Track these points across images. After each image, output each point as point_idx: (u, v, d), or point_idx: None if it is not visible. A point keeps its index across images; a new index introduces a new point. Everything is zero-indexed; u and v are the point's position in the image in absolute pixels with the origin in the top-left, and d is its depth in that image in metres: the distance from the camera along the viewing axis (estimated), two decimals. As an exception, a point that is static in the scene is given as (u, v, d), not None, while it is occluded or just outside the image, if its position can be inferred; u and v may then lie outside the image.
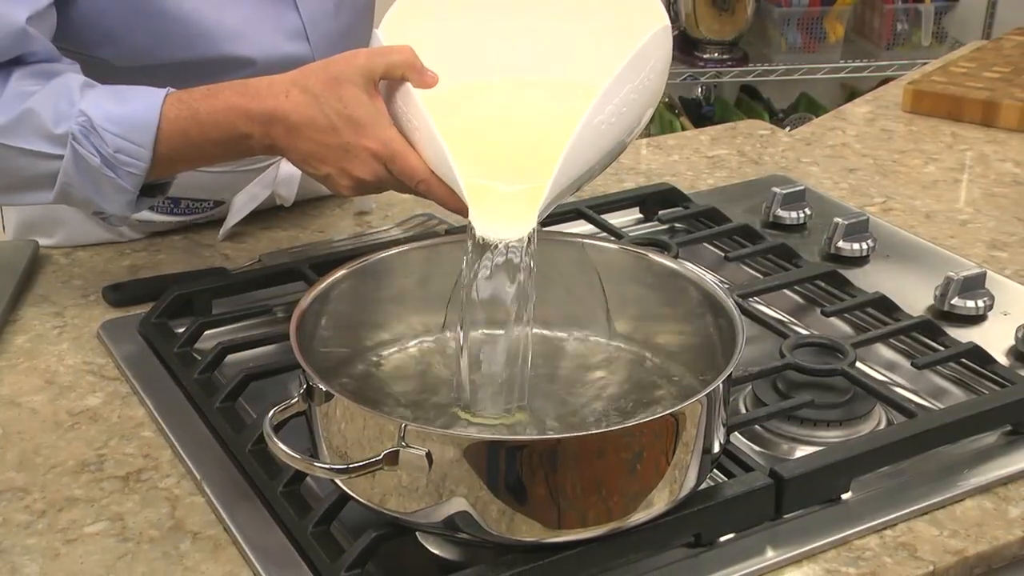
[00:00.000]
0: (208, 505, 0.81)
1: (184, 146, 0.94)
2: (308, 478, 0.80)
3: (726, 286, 0.85)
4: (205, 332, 0.98)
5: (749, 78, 2.82)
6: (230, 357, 0.94)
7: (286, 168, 1.17)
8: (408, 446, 0.68)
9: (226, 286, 1.03)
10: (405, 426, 0.68)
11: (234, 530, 0.78)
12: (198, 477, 0.83)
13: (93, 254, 1.16)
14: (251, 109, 0.91)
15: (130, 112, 0.93)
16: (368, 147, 0.87)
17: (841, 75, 2.79)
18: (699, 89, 3.00)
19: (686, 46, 2.88)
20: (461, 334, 0.79)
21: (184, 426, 0.89)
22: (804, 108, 2.88)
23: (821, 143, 1.44)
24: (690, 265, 0.86)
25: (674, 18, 2.89)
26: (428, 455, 0.68)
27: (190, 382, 0.92)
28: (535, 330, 0.82)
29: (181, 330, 0.98)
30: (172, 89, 0.95)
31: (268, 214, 1.22)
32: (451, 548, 0.77)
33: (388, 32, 0.89)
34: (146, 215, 1.15)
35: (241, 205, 1.16)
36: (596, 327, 0.88)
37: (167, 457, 0.86)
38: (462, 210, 0.83)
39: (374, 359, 0.85)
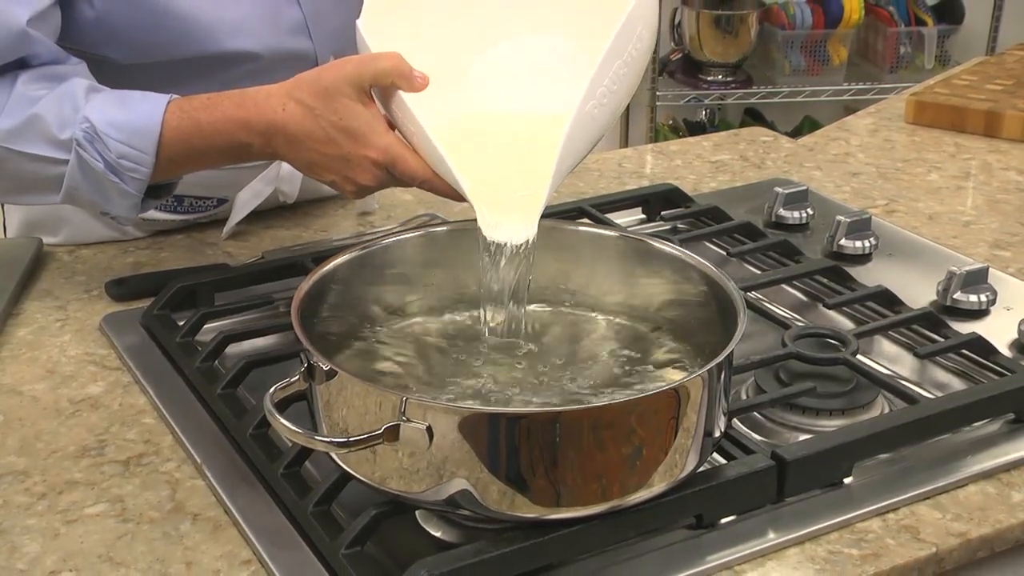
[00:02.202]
0: (208, 488, 0.82)
1: (187, 152, 0.96)
2: (308, 462, 0.81)
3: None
4: (207, 323, 0.99)
5: (753, 100, 2.84)
6: (231, 347, 0.95)
7: (288, 165, 1.18)
8: (409, 420, 0.69)
9: (228, 279, 1.04)
10: (406, 399, 0.69)
11: (234, 511, 0.78)
12: (199, 461, 0.84)
13: (96, 251, 1.17)
14: (251, 121, 0.93)
15: (132, 118, 0.95)
16: (368, 156, 0.89)
17: (844, 98, 2.81)
18: (703, 112, 3.02)
19: (690, 68, 2.90)
20: (482, 309, 0.83)
21: (185, 413, 0.89)
22: (808, 130, 2.89)
23: (824, 151, 1.45)
24: (689, 251, 0.86)
25: (678, 41, 2.91)
26: (428, 429, 0.68)
27: (191, 370, 0.92)
28: (540, 308, 0.87)
29: (183, 322, 0.99)
30: (175, 96, 0.97)
31: (271, 214, 1.23)
32: (451, 530, 0.78)
33: (367, 23, 0.91)
34: (150, 214, 1.16)
35: (244, 202, 1.17)
36: (599, 308, 0.89)
37: (168, 443, 0.87)
38: (460, 201, 0.86)
39: (375, 340, 0.86)
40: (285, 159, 0.94)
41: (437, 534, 0.78)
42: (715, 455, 0.80)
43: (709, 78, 2.86)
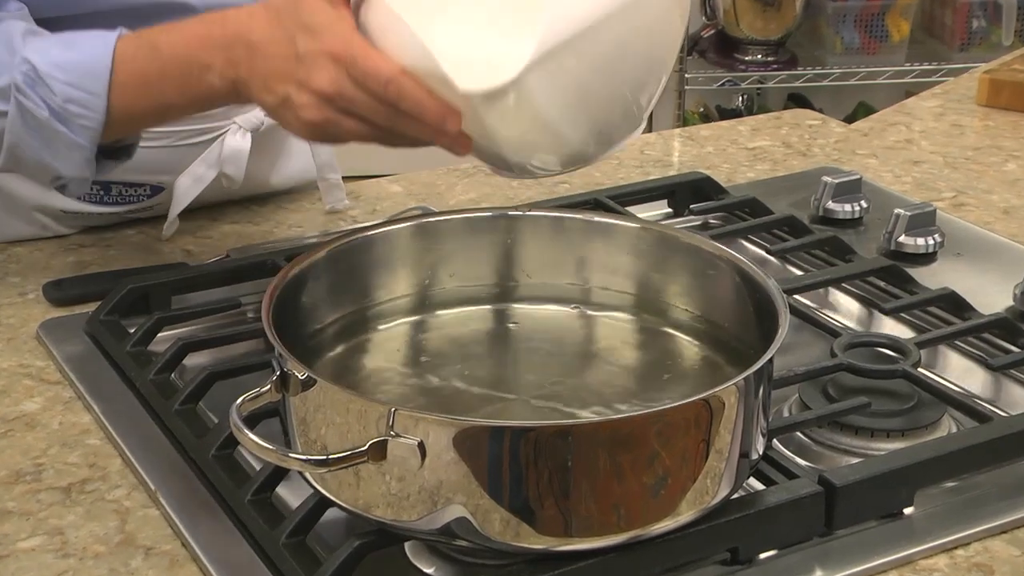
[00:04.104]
0: (164, 518, 0.83)
1: (141, 89, 0.99)
2: (280, 487, 0.82)
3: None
4: (162, 330, 1.00)
5: (798, 84, 2.86)
6: (190, 357, 0.96)
7: (231, 142, 1.19)
8: (397, 435, 0.70)
9: (188, 280, 1.06)
10: (394, 411, 0.70)
11: (194, 544, 0.79)
12: (152, 487, 0.85)
13: (33, 249, 1.18)
14: (214, 35, 0.96)
15: (80, 57, 0.97)
16: (326, 50, 0.89)
17: (906, 80, 2.83)
18: (739, 98, 3.04)
19: (724, 47, 2.92)
20: None
21: (137, 432, 0.90)
22: (862, 119, 2.92)
23: (881, 137, 1.47)
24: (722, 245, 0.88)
25: (711, 15, 2.94)
26: (420, 445, 0.69)
27: (144, 383, 0.94)
28: (552, 308, 0.90)
29: (135, 329, 1.00)
30: (125, 30, 0.99)
31: (237, 208, 1.25)
32: (444, 565, 0.78)
33: None
34: (73, 205, 1.18)
35: (185, 190, 1.18)
36: (619, 308, 0.90)
37: (116, 466, 0.88)
38: (442, 115, 0.85)
39: (359, 345, 0.87)
40: (244, 82, 0.95)
41: (429, 571, 0.78)
42: (752, 480, 0.81)
43: (747, 58, 2.89)
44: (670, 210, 1.23)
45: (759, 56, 2.88)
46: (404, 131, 0.89)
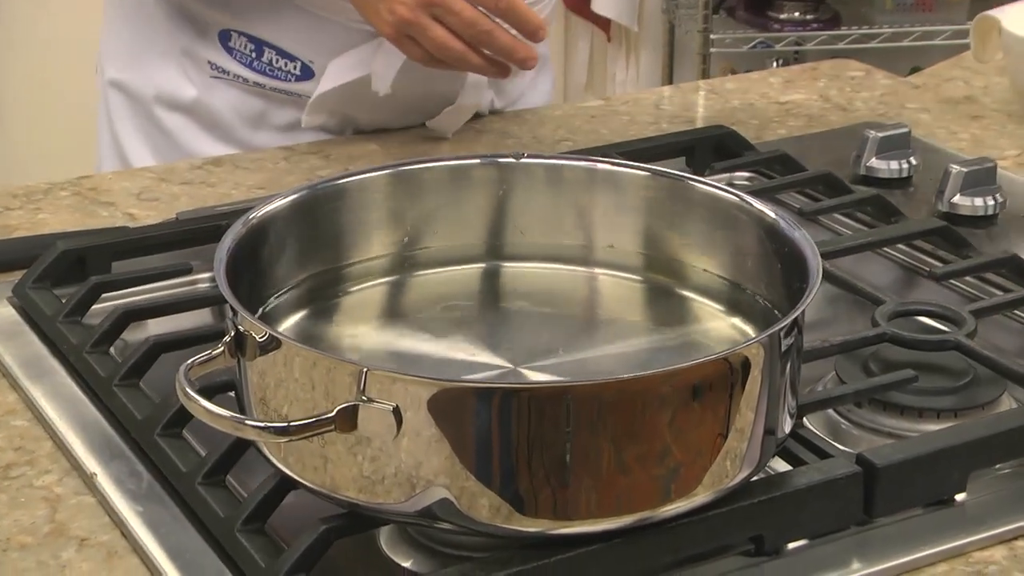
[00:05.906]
0: (101, 505, 0.84)
1: None
2: (236, 468, 0.82)
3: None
4: (99, 301, 1.01)
5: (841, 45, 2.86)
6: (132, 329, 0.97)
7: (388, 47, 1.26)
8: (370, 400, 0.70)
9: (130, 242, 1.07)
10: (366, 371, 0.71)
11: (136, 534, 0.80)
12: (89, 471, 0.86)
13: (-49, 212, 1.19)
14: None
15: None
16: None
17: (967, 40, 2.83)
18: (773, 62, 3.05)
19: (756, 4, 2.93)
20: None
21: (70, 412, 0.92)
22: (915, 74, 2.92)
23: (936, 92, 1.48)
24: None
25: (740, -34, 2.95)
26: (396, 411, 0.70)
27: (79, 358, 0.95)
28: (554, 266, 0.93)
29: (68, 297, 1.01)
30: None
31: (188, 167, 1.27)
32: (424, 560, 0.79)
33: None
34: (222, 60, 1.31)
35: (337, 71, 1.29)
36: (628, 268, 0.92)
37: (46, 450, 0.89)
38: (537, 27, 1.14)
39: (326, 308, 0.88)
40: None
41: (406, 564, 0.80)
42: (780, 462, 0.81)
43: (782, 16, 2.89)
44: (689, 169, 1.23)
45: (796, 14, 2.88)
46: (488, 43, 1.14)
